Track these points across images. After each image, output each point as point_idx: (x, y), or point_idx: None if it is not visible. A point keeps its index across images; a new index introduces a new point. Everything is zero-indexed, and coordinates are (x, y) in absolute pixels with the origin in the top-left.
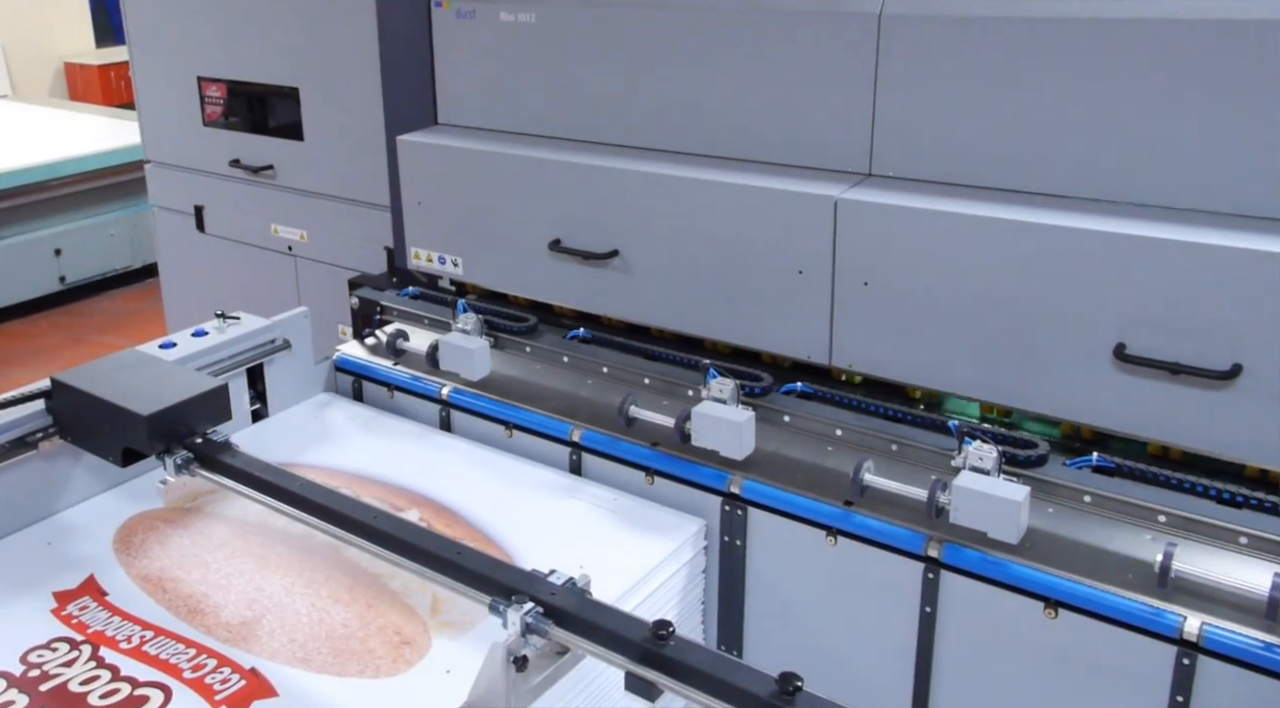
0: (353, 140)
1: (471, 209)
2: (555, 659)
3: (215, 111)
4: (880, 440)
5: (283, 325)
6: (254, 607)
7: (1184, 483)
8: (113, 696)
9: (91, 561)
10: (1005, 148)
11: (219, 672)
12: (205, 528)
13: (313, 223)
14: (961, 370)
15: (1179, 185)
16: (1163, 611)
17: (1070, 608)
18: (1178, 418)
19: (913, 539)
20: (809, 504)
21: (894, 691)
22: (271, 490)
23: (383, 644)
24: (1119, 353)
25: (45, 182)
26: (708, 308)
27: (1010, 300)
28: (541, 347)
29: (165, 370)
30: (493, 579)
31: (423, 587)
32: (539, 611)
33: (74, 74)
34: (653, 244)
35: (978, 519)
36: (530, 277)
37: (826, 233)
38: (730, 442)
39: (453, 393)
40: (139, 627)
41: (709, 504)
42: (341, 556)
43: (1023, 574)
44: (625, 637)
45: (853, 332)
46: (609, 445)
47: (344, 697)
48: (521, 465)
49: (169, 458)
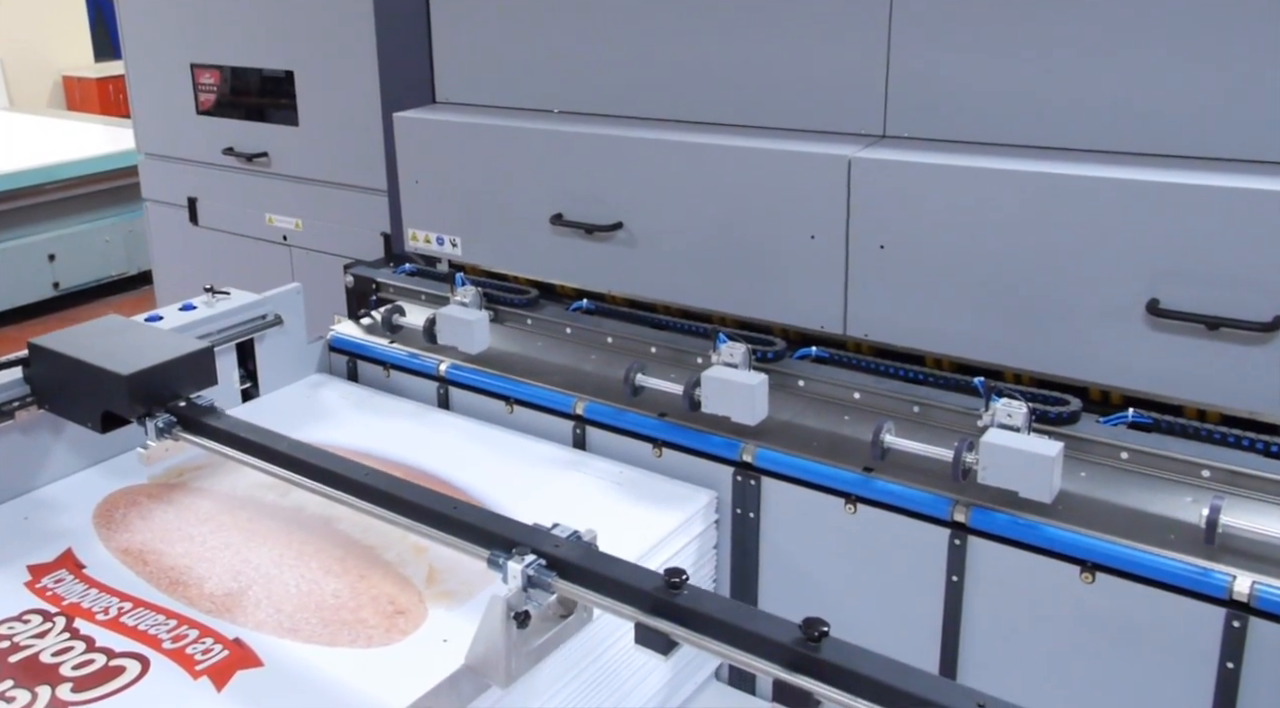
0: (349, 123)
1: (470, 186)
2: (559, 622)
3: (209, 99)
4: (901, 402)
5: (274, 301)
6: (239, 578)
7: (1228, 437)
8: (86, 666)
9: (69, 535)
10: (1026, 102)
11: (200, 642)
12: (191, 503)
13: (308, 211)
14: (984, 336)
15: (1210, 134)
16: (1210, 570)
17: (1109, 571)
18: (1216, 376)
19: (938, 504)
20: (826, 471)
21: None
22: (259, 452)
23: (376, 614)
24: (1152, 308)
25: (40, 185)
26: (716, 279)
27: (1035, 259)
28: (543, 318)
29: (148, 334)
30: (492, 532)
31: (418, 558)
32: (541, 563)
33: (72, 87)
34: (658, 215)
35: (1008, 478)
36: (531, 254)
37: (840, 195)
38: (742, 406)
39: (450, 369)
40: (116, 599)
41: (720, 475)
42: (333, 528)
43: (1057, 536)
44: (635, 587)
45: (868, 299)
46: (614, 417)
47: (334, 666)
48: (523, 441)
49: (150, 422)
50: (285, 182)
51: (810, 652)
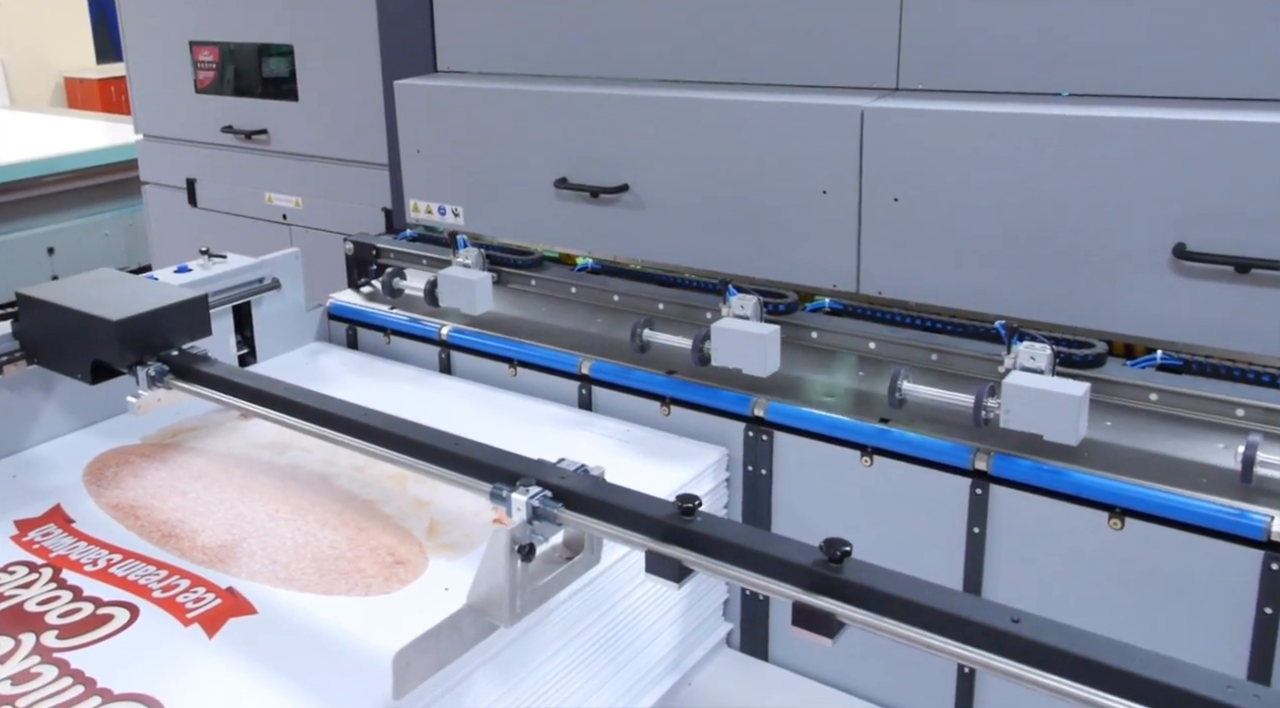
0: (349, 97)
1: (472, 153)
2: (564, 562)
3: (207, 78)
4: (918, 351)
5: (272, 265)
6: (233, 531)
7: (1262, 376)
8: (72, 615)
9: (59, 492)
10: (1043, 49)
11: (192, 591)
12: (184, 462)
13: (308, 188)
14: (1002, 289)
15: (1231, 74)
16: (1246, 511)
17: (1138, 516)
18: (1245, 322)
19: (958, 452)
20: (841, 423)
21: None
22: (254, 397)
23: (374, 564)
24: (1179, 252)
25: (39, 177)
26: (725, 240)
27: (1055, 206)
28: (547, 278)
29: (141, 284)
30: (494, 466)
31: (419, 511)
32: (546, 495)
33: (74, 88)
34: (665, 176)
35: (1032, 421)
36: (535, 222)
37: (852, 148)
38: (754, 357)
39: (452, 332)
40: (105, 550)
41: (731, 432)
42: (331, 485)
43: (1083, 482)
44: (645, 514)
45: (882, 255)
46: (621, 376)
47: (330, 614)
48: (527, 402)
49: (141, 370)
50: (285, 159)
51: (832, 573)
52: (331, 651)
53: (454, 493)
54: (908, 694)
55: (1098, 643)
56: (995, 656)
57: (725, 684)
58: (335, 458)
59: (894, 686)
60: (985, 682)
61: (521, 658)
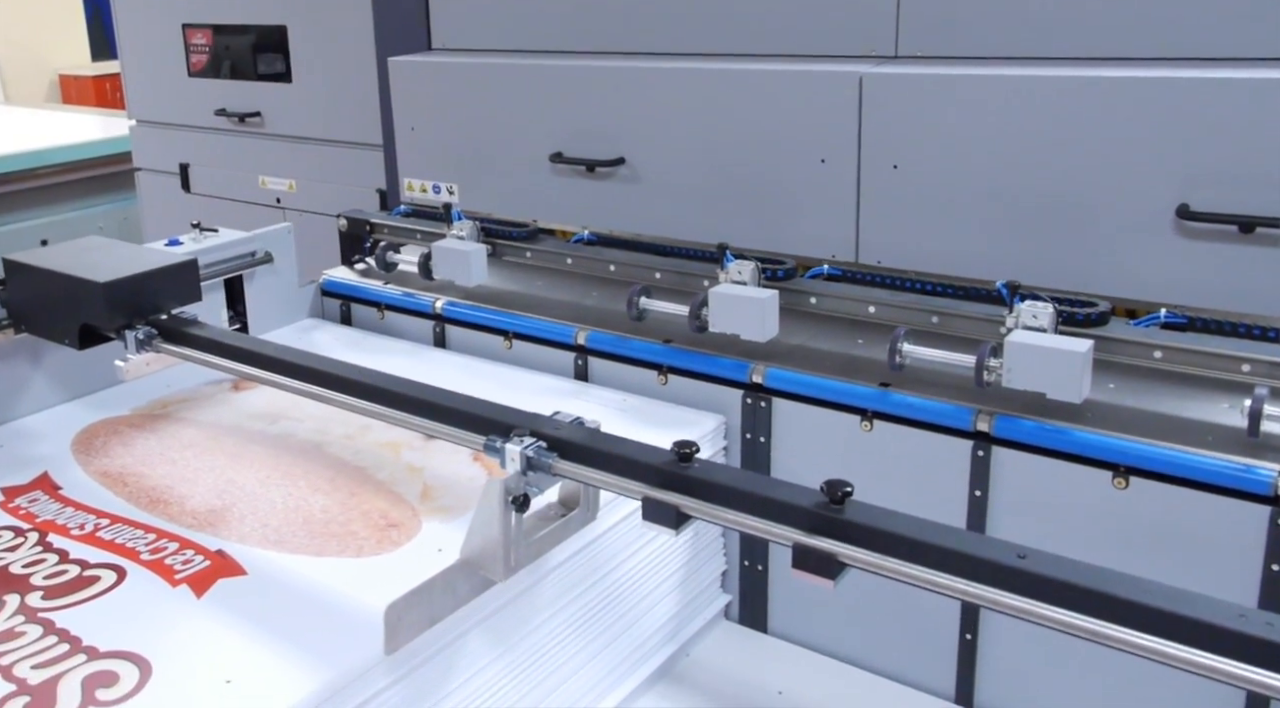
0: (343, 78)
1: (467, 129)
2: (560, 517)
3: (200, 61)
4: (919, 314)
5: (264, 239)
6: (223, 497)
7: (1269, 332)
8: (58, 576)
9: (46, 460)
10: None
11: (181, 554)
12: (175, 431)
13: (301, 171)
14: (1003, 255)
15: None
16: (1253, 466)
17: (1143, 474)
18: (1250, 283)
19: (959, 414)
20: (840, 387)
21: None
22: (244, 357)
23: (366, 527)
24: (1182, 213)
25: (33, 170)
26: (722, 212)
27: (1058, 170)
28: (542, 250)
29: (130, 250)
30: (488, 418)
31: (412, 477)
32: (541, 445)
33: (68, 86)
34: (661, 148)
35: (1035, 379)
36: (531, 197)
37: (851, 115)
38: (752, 322)
39: (447, 305)
40: (93, 516)
41: (728, 399)
42: (323, 452)
43: (1087, 441)
44: (642, 462)
45: (881, 223)
46: (617, 345)
47: (321, 574)
48: (523, 374)
49: (129, 333)
50: (279, 142)
51: (833, 514)
52: (322, 609)
53: (448, 460)
54: (909, 665)
55: (1107, 576)
56: (1003, 591)
57: (724, 656)
58: (327, 428)
59: (895, 656)
60: (987, 650)
61: (517, 621)
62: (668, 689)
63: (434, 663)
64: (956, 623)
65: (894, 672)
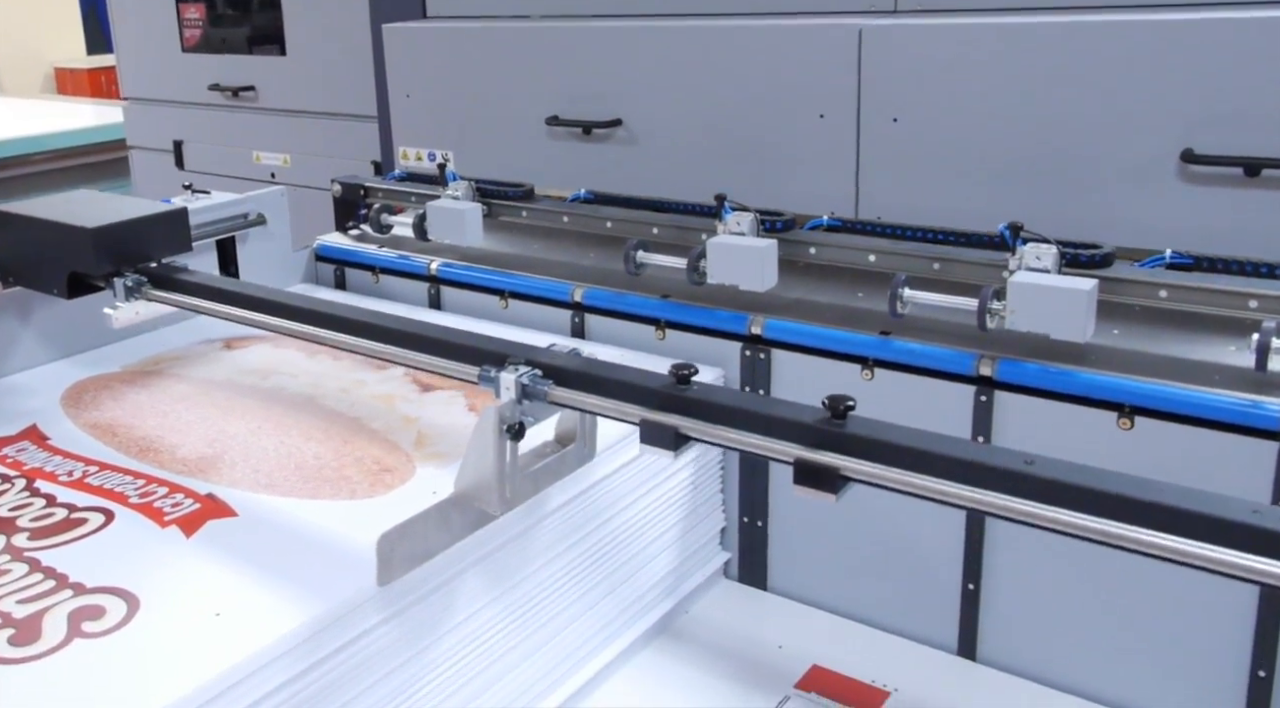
0: (337, 49)
1: (462, 96)
2: (559, 448)
3: (194, 36)
4: (920, 261)
5: (257, 200)
6: (214, 446)
7: (1276, 269)
8: (45, 519)
9: (35, 414)
10: None
11: (170, 497)
12: (166, 386)
13: (296, 144)
14: (1004, 207)
15: None
16: (1260, 402)
17: (1148, 413)
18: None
19: (961, 359)
20: (840, 336)
21: (945, 535)
22: (236, 300)
23: (360, 472)
24: (1187, 157)
25: (27, 155)
26: (719, 171)
27: (1060, 118)
28: (538, 209)
29: (121, 200)
30: (483, 349)
31: (406, 426)
32: (536, 373)
33: (64, 78)
34: (658, 108)
35: (1039, 320)
36: (527, 163)
37: (850, 68)
38: (750, 272)
39: (441, 267)
40: (81, 463)
41: (727, 352)
42: (316, 404)
43: (1091, 381)
44: (640, 385)
45: (880, 178)
46: (614, 301)
47: (313, 516)
48: (519, 332)
49: (119, 281)
50: (273, 116)
51: (836, 428)
52: (314, 547)
53: (444, 411)
54: (912, 618)
55: (1118, 478)
56: (1011, 497)
57: (723, 612)
58: (321, 383)
59: (898, 610)
60: (990, 601)
61: (513, 564)
62: (666, 644)
63: (429, 602)
64: (959, 574)
65: (897, 626)
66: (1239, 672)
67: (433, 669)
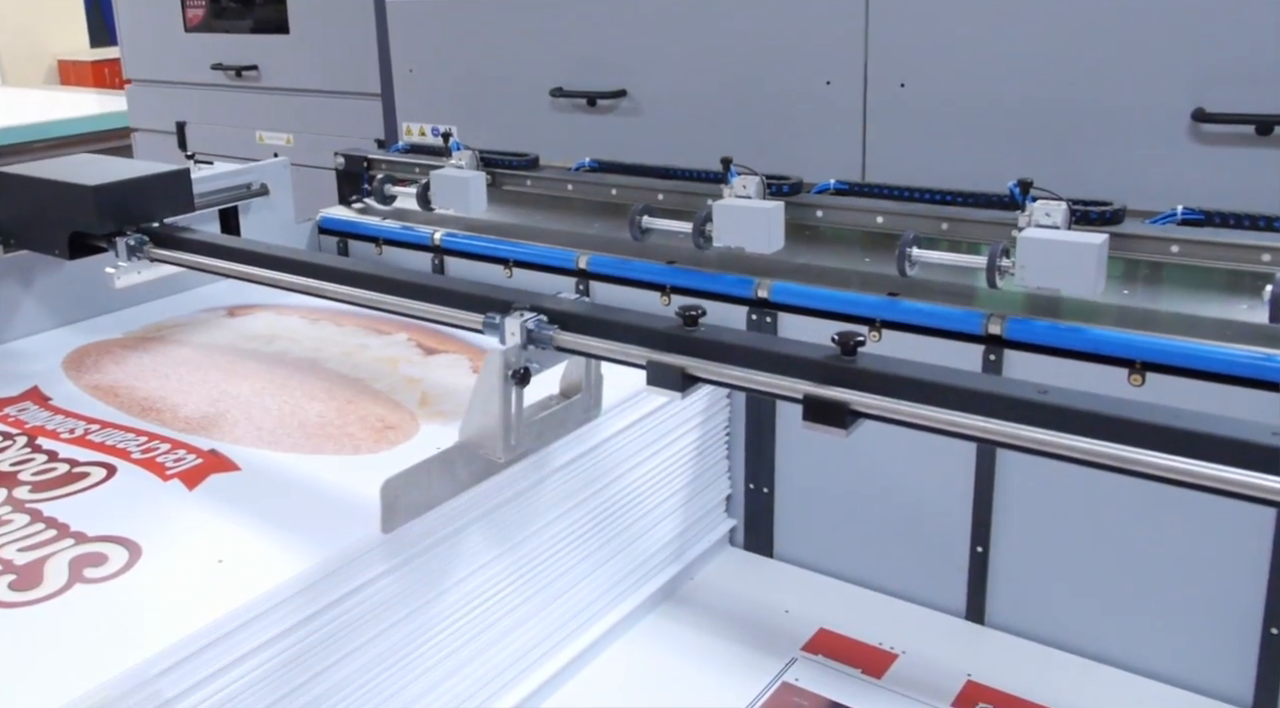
0: (340, 26)
1: (466, 69)
2: (564, 401)
3: (197, 15)
4: (928, 222)
5: (260, 171)
6: (217, 405)
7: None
8: (47, 473)
9: (36, 376)
10: None
11: (173, 453)
12: (168, 351)
13: (299, 124)
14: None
15: None
16: (1273, 355)
17: (1160, 369)
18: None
19: (969, 318)
20: (847, 297)
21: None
22: (239, 256)
23: (363, 429)
24: (1197, 116)
25: (30, 143)
26: (726, 140)
27: (1071, 81)
28: (543, 177)
29: (122, 162)
30: (488, 297)
31: (410, 387)
32: (542, 318)
33: (67, 70)
34: (663, 78)
35: (1049, 276)
36: (532, 135)
37: (857, 34)
38: (757, 233)
39: (445, 237)
40: (84, 422)
41: (734, 316)
42: (320, 366)
43: (1101, 338)
44: (646, 327)
45: (887, 144)
46: (619, 267)
47: (316, 470)
48: None
49: (121, 240)
50: (276, 95)
51: (846, 363)
52: (317, 498)
53: (448, 372)
54: (920, 583)
55: (1132, 405)
56: (1024, 426)
57: (729, 578)
58: (324, 347)
59: (906, 575)
60: (998, 564)
61: (519, 521)
62: (671, 609)
63: (433, 554)
64: (967, 537)
65: (905, 591)
66: (1251, 630)
67: (435, 624)
